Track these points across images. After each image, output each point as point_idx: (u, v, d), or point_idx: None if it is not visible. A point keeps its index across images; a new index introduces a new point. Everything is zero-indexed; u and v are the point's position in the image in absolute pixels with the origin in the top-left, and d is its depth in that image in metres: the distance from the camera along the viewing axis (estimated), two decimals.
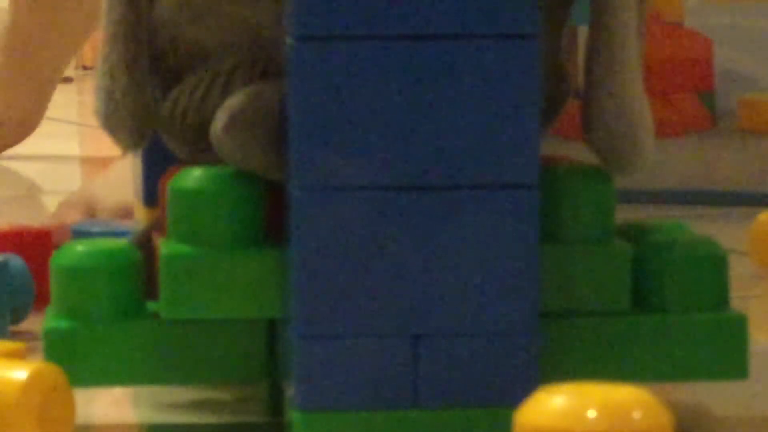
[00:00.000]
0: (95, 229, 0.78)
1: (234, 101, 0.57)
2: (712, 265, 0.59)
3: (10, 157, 1.77)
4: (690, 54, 1.21)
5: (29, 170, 1.69)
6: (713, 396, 0.65)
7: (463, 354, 0.53)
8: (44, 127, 2.06)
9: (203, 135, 0.60)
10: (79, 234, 0.78)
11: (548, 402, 0.37)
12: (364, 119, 0.53)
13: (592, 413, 0.36)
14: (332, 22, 0.53)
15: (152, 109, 0.62)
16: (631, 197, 1.14)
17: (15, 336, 0.75)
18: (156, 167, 0.65)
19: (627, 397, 0.37)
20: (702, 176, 1.20)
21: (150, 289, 0.59)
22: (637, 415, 0.37)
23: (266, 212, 0.57)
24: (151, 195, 0.66)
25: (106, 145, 1.59)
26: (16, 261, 0.77)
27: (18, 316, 0.77)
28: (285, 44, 0.54)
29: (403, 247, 0.53)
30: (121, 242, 0.60)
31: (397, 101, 0.53)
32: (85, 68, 3.18)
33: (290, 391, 0.54)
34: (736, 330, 0.58)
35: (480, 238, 0.53)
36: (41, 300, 0.79)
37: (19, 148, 1.85)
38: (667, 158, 1.19)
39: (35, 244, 0.83)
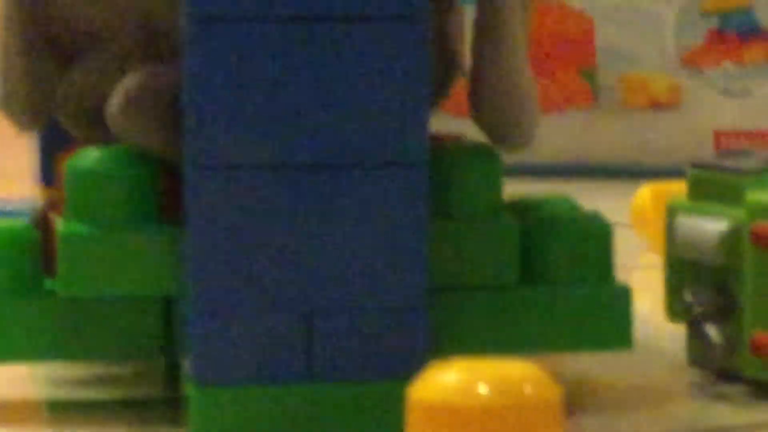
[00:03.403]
0: (6, 209, 0.78)
1: (129, 82, 0.57)
2: (598, 239, 0.59)
3: None
4: (572, 32, 1.22)
5: None
6: (599, 364, 0.67)
7: (355, 329, 0.54)
8: None
9: (99, 116, 0.60)
10: None
11: (441, 377, 0.37)
12: (258, 99, 0.53)
13: (483, 388, 0.37)
14: (225, 2, 0.52)
15: (48, 91, 0.62)
16: (516, 171, 1.16)
17: None
18: (53, 147, 0.66)
19: (517, 372, 0.37)
20: (585, 150, 1.22)
21: (48, 267, 0.59)
22: (527, 389, 0.37)
23: (162, 191, 0.58)
24: (48, 174, 0.66)
25: (5, 126, 1.58)
26: None
27: None
28: (179, 25, 0.54)
29: (295, 225, 0.53)
30: (19, 221, 0.60)
31: (290, 81, 0.53)
32: None
33: (186, 366, 0.55)
34: (621, 301, 0.59)
35: (371, 215, 0.54)
36: None
37: None
38: (550, 132, 1.20)
39: None
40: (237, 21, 0.53)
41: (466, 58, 0.62)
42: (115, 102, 0.57)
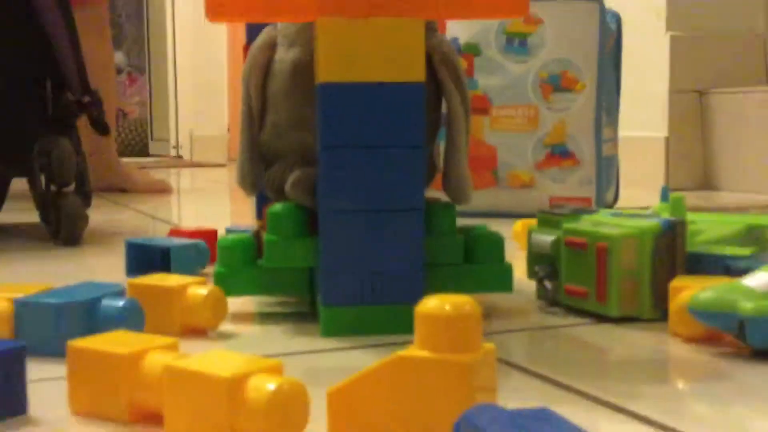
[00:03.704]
0: (237, 228, 0.77)
1: (294, 175, 0.57)
2: (498, 243, 0.59)
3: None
4: (485, 152, 1.20)
5: (208, 210, 1.66)
6: (496, 297, 0.65)
7: (393, 281, 0.53)
8: (215, 190, 2.00)
9: (281, 189, 0.59)
10: (229, 231, 0.77)
11: (429, 302, 0.36)
12: (350, 181, 0.53)
13: (448, 306, 0.36)
14: (335, 140, 0.52)
15: (260, 178, 0.61)
16: (462, 214, 1.15)
17: (201, 275, 0.74)
18: (262, 202, 0.65)
19: (463, 299, 0.36)
20: (492, 205, 1.20)
21: (260, 254, 0.59)
22: (467, 307, 0.36)
23: (309, 221, 0.57)
24: (260, 213, 0.65)
25: (241, 195, 1.56)
26: (202, 243, 0.76)
27: (202, 267, 0.76)
28: (318, 150, 0.54)
29: (369, 235, 0.53)
30: (247, 235, 0.59)
31: (369, 176, 0.53)
32: (231, 159, 3.11)
33: (319, 297, 0.54)
34: (507, 270, 0.59)
35: (400, 232, 0.53)
36: (213, 259, 0.79)
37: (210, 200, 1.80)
38: (477, 198, 1.18)
39: (210, 235, 0.82)
40: (340, 148, 0.52)
41: (440, 162, 0.62)
42: (288, 184, 0.57)
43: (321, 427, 0.37)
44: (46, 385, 0.44)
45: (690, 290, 0.53)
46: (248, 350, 0.50)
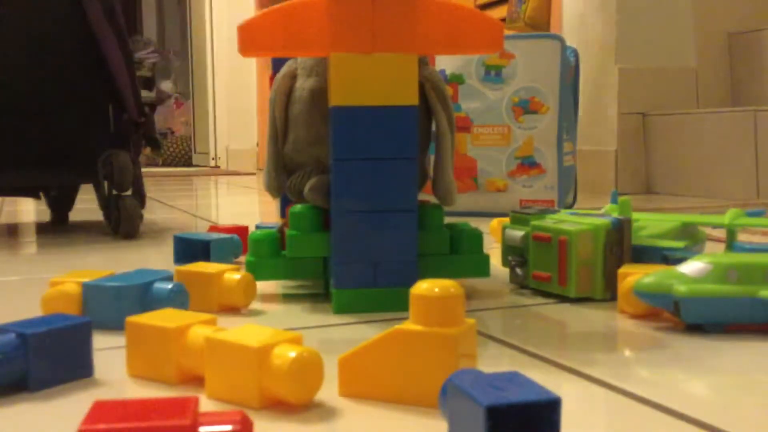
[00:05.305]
0: (264, 225, 0.75)
1: (311, 182, 0.56)
2: (477, 237, 0.58)
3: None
4: (468, 164, 1.20)
5: (245, 210, 1.65)
6: (475, 281, 0.65)
7: (393, 268, 0.53)
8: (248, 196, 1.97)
9: (300, 193, 0.59)
10: (258, 227, 0.75)
11: (421, 285, 0.36)
12: (357, 186, 0.52)
13: (438, 288, 0.35)
14: (345, 153, 0.52)
15: (283, 184, 0.61)
16: (448, 213, 1.14)
17: (235, 263, 0.74)
18: (285, 203, 0.64)
19: (449, 283, 0.35)
20: (473, 205, 1.19)
21: (283, 246, 0.58)
22: (453, 289, 0.35)
23: (323, 219, 0.56)
24: (283, 213, 0.64)
25: (268, 198, 1.54)
26: (236, 237, 0.75)
27: (236, 257, 0.75)
28: (329, 162, 0.54)
29: (371, 230, 0.53)
30: (274, 230, 0.59)
31: (372, 182, 0.52)
32: (259, 168, 3.10)
33: (332, 281, 0.54)
34: (486, 260, 0.58)
35: (397, 228, 0.53)
36: (244, 250, 0.78)
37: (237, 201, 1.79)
38: (461, 200, 1.18)
39: (242, 231, 0.81)
40: (348, 160, 0.52)
41: (430, 171, 0.62)
42: (306, 188, 0.56)
43: (333, 387, 0.37)
44: (108, 353, 0.44)
45: (635, 276, 0.52)
46: (273, 324, 0.49)
